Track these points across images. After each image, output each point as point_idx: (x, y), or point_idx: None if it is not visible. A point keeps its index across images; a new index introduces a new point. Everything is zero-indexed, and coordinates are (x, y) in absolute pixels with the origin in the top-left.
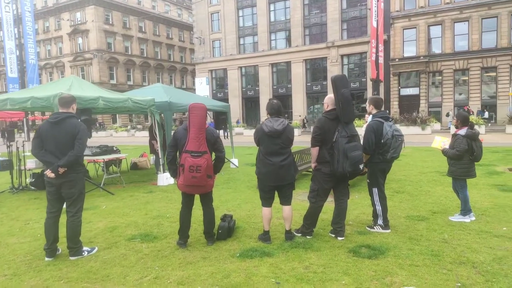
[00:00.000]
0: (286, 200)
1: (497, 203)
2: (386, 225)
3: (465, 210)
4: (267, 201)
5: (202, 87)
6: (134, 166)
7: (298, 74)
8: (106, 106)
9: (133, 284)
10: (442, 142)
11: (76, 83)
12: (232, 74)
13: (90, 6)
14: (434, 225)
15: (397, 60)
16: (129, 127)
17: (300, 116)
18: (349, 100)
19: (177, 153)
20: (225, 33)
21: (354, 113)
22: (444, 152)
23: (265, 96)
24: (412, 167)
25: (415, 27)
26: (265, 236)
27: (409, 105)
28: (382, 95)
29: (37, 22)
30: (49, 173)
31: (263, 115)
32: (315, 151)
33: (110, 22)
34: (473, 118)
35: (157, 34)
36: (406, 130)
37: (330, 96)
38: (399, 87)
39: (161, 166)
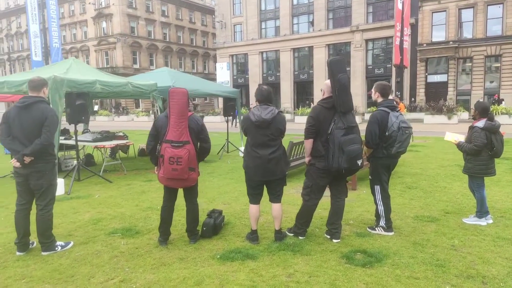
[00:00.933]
0: (275, 197)
1: None
2: (389, 227)
3: (482, 211)
4: (254, 197)
5: (223, 73)
6: (142, 153)
7: (321, 59)
8: (104, 90)
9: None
10: (455, 136)
11: (75, 66)
12: (253, 59)
13: None
14: (445, 228)
15: (424, 45)
16: (150, 111)
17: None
18: (346, 87)
19: (158, 143)
20: (247, 16)
21: (352, 101)
22: (459, 146)
23: (286, 82)
24: (431, 159)
25: (445, 10)
26: (253, 236)
27: (436, 92)
28: (407, 82)
29: (62, 6)
30: (14, 162)
31: (284, 101)
32: (308, 143)
33: (134, 6)
34: (501, 107)
35: (180, 18)
36: (431, 119)
37: (327, 82)
38: (426, 74)
39: None
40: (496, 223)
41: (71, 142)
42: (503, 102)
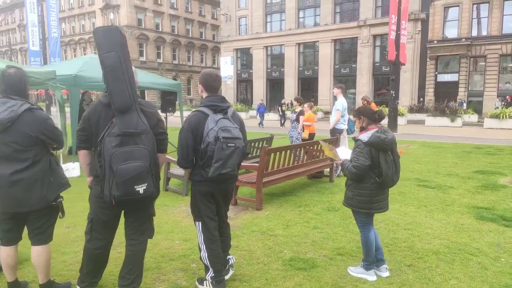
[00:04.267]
0: (33, 236)
1: (456, 242)
2: (218, 283)
3: (368, 261)
4: (5, 235)
5: (227, 67)
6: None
7: (326, 55)
8: None
9: None
10: (343, 152)
11: None
12: (257, 54)
13: None
14: (312, 283)
15: (435, 42)
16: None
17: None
18: (115, 70)
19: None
20: (252, 9)
21: (131, 93)
22: (342, 166)
23: (290, 78)
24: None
25: (458, 5)
26: None
27: (445, 93)
28: (414, 81)
29: None
30: None
31: (288, 98)
32: (81, 156)
33: None
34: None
35: (189, 11)
36: (432, 121)
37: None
38: (436, 73)
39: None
40: (396, 277)
41: None
42: None
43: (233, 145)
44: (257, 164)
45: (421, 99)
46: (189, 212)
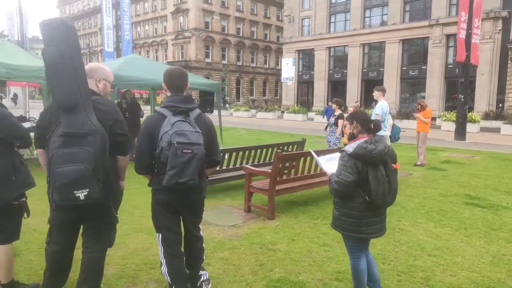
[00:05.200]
0: None
1: (488, 277)
2: None
3: None
4: None
5: (288, 68)
6: None
7: (393, 56)
8: None
9: None
10: (328, 165)
11: None
12: (319, 54)
13: None
14: None
15: None
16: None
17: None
18: (54, 65)
19: None
20: (316, 10)
21: (75, 89)
22: (330, 181)
23: (353, 80)
24: (444, 183)
25: None
26: None
27: None
28: (492, 85)
29: (147, 1)
30: None
31: (350, 100)
32: (39, 155)
33: (209, 1)
34: None
35: (255, 13)
36: (509, 129)
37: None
38: None
39: None
40: None
41: None
42: None
43: (190, 151)
44: (269, 170)
45: (500, 105)
46: (202, 218)
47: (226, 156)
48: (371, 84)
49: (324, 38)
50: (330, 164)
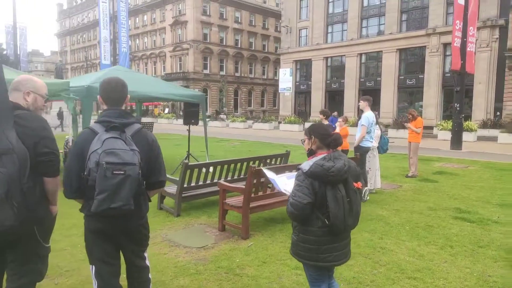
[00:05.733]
0: None
1: None
2: None
3: None
4: None
5: (286, 79)
6: None
7: (390, 65)
8: None
9: None
10: (283, 183)
11: None
12: (316, 65)
13: None
14: None
15: None
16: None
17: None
18: None
19: None
20: (313, 20)
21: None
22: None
23: (350, 90)
24: (434, 196)
25: None
26: None
27: None
28: (490, 93)
29: (145, 14)
30: None
31: (347, 110)
32: None
33: (207, 13)
34: None
35: (253, 24)
36: (507, 138)
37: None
38: None
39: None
40: None
41: None
42: None
43: (122, 172)
44: (243, 186)
45: (498, 113)
46: (170, 239)
47: (204, 170)
48: (369, 94)
49: (321, 48)
50: (290, 182)
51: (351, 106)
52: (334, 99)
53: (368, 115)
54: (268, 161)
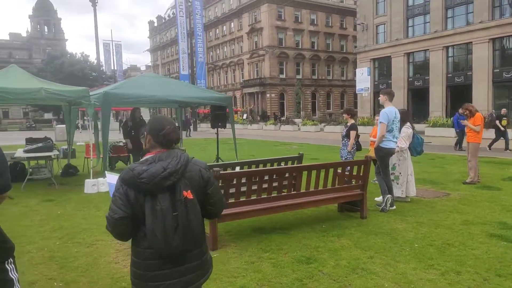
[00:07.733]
0: None
1: None
2: None
3: None
4: None
5: (363, 79)
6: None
7: (482, 57)
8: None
9: None
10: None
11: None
12: (396, 62)
13: (264, 4)
14: None
15: None
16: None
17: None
18: None
19: None
20: (391, 15)
21: None
22: None
23: (436, 87)
24: (476, 208)
25: None
26: None
27: None
28: None
29: (225, 24)
30: None
31: (434, 109)
32: None
33: (282, 18)
34: None
35: (330, 25)
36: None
37: None
38: None
39: (91, 170)
40: None
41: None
42: None
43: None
44: None
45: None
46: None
47: None
48: (458, 91)
49: (401, 43)
50: None
51: (438, 104)
52: (418, 97)
53: (388, 111)
54: (281, 163)
